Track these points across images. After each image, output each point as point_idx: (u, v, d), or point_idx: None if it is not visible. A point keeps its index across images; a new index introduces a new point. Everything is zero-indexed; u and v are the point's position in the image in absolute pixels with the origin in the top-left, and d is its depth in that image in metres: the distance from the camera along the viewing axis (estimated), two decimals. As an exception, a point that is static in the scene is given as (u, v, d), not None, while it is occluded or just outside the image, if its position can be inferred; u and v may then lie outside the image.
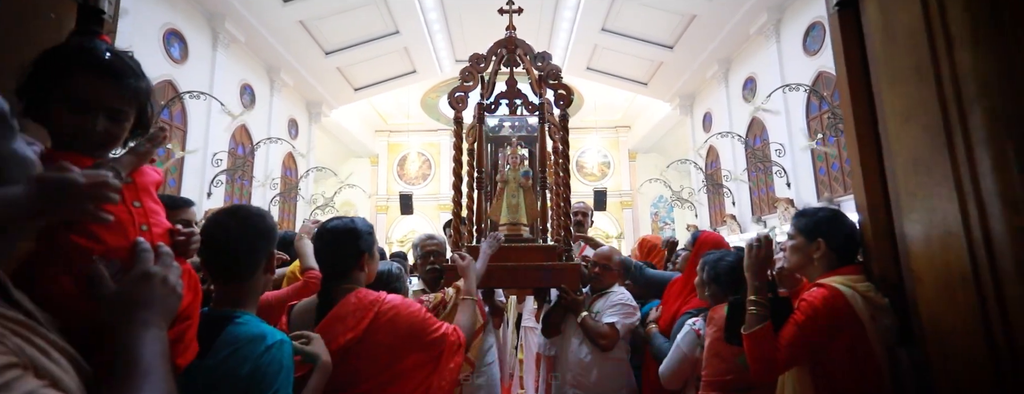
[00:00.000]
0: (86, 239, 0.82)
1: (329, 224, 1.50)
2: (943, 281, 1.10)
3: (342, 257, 1.45)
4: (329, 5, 8.19)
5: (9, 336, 0.57)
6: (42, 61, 0.82)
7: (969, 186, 1.03)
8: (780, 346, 1.30)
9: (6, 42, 1.01)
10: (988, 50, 1.01)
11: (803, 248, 1.43)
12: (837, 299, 1.27)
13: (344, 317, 1.36)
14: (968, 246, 1.03)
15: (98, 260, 0.81)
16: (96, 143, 0.86)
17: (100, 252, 0.82)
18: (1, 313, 0.60)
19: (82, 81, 0.82)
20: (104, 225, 0.82)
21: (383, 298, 1.42)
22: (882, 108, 1.26)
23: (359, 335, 1.34)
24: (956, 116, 1.05)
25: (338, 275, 1.44)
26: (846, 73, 1.38)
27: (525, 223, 2.33)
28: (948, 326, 1.10)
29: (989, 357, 1.00)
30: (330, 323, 1.36)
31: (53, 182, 0.62)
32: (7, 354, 0.55)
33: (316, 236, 1.51)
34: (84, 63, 0.83)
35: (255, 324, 1.06)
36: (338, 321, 1.36)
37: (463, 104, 2.47)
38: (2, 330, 0.57)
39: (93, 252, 0.82)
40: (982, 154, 1.01)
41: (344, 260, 1.44)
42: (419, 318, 1.44)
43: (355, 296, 1.40)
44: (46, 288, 0.79)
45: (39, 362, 0.60)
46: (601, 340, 2.31)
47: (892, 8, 1.20)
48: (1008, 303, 0.97)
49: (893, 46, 1.20)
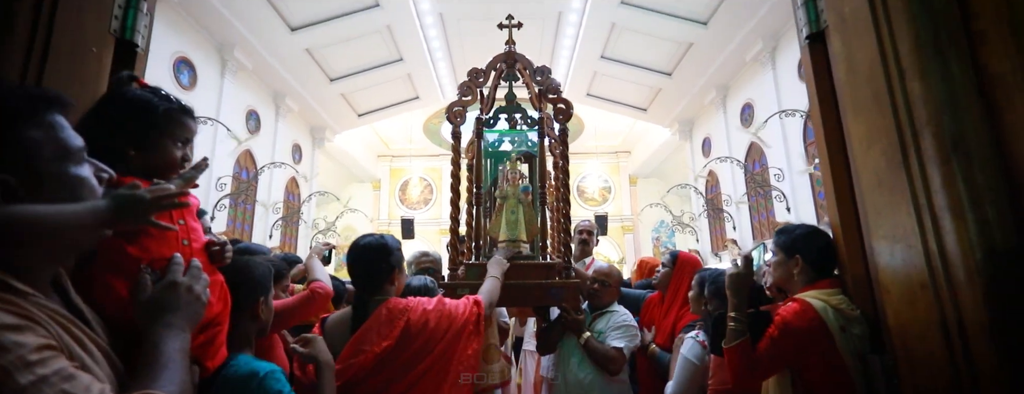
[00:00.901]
0: (138, 249, 0.96)
1: (362, 241, 1.63)
2: (906, 291, 1.20)
3: (375, 272, 1.58)
4: (335, 34, 8.48)
5: (52, 325, 0.68)
6: (148, 108, 1.05)
7: (924, 202, 1.14)
8: (758, 357, 1.39)
9: (58, 77, 1.14)
10: (934, 81, 1.13)
11: (783, 264, 1.53)
12: (808, 313, 1.36)
13: (378, 327, 1.48)
14: (925, 257, 1.13)
15: (144, 269, 0.93)
16: (180, 167, 1.08)
17: (147, 261, 0.95)
18: (51, 308, 0.72)
19: (190, 126, 1.12)
20: (153, 238, 0.97)
21: (411, 305, 1.55)
22: (848, 133, 1.38)
23: (393, 343, 1.46)
24: (910, 140, 1.17)
25: (371, 288, 1.57)
26: (817, 101, 1.51)
27: (525, 240, 2.29)
28: (912, 333, 1.19)
29: (948, 361, 1.09)
30: (365, 333, 1.48)
31: (129, 197, 0.77)
32: (48, 337, 0.65)
33: (350, 252, 1.63)
34: (189, 112, 1.12)
35: (245, 363, 1.19)
36: (372, 331, 1.47)
37: (461, 118, 2.44)
38: (48, 320, 0.68)
39: (142, 261, 0.95)
40: (933, 173, 1.12)
41: (377, 274, 1.57)
42: (446, 313, 1.56)
43: (386, 307, 1.53)
44: (102, 291, 0.92)
45: (74, 350, 0.70)
46: (610, 364, 2.27)
47: (852, 43, 1.33)
48: (962, 309, 1.07)
49: (855, 77, 1.33)
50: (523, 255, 2.26)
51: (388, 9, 8.26)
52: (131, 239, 0.97)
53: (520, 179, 2.37)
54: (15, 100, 0.71)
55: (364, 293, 1.59)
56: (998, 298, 1.02)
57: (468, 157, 2.59)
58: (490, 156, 2.58)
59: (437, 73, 10.49)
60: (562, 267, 2.24)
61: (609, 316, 2.44)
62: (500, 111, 2.58)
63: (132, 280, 0.93)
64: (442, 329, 1.53)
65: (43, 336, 0.65)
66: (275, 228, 9.31)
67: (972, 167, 1.07)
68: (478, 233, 2.42)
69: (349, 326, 1.55)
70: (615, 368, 2.28)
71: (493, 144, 2.62)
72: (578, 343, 2.34)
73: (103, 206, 0.75)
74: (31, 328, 0.64)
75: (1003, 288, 1.02)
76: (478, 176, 2.41)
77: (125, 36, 1.38)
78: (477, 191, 2.39)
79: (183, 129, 1.10)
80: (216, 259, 1.15)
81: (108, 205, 0.75)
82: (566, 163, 2.40)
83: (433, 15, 8.93)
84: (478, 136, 2.46)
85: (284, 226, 9.88)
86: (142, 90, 1.08)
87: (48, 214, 0.69)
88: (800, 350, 1.37)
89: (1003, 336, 1.00)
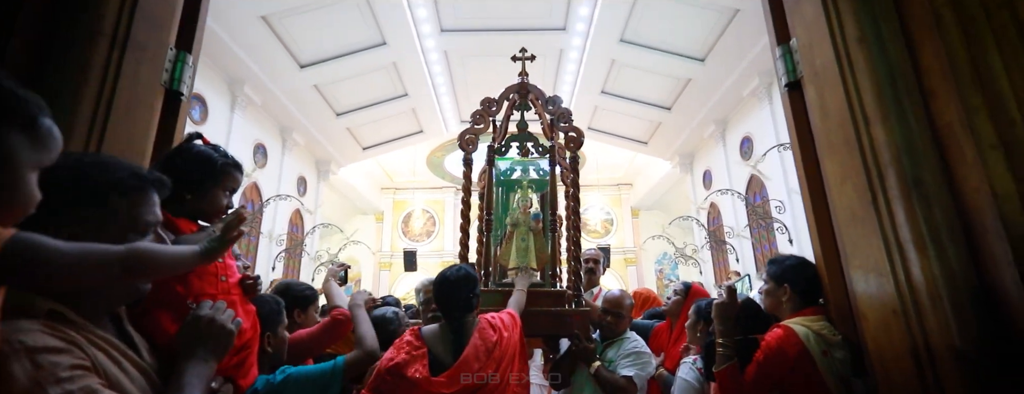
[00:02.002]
0: (183, 287, 1.11)
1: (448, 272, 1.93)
2: (881, 317, 1.32)
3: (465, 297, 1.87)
4: (343, 71, 8.81)
5: (88, 346, 0.82)
6: (209, 162, 1.26)
7: (891, 235, 1.27)
8: (745, 381, 1.50)
9: (119, 122, 1.31)
10: (894, 127, 1.29)
11: (773, 292, 1.66)
12: (790, 338, 1.48)
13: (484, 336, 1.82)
14: (895, 285, 1.26)
15: (190, 304, 1.08)
16: (223, 213, 1.27)
17: (191, 298, 1.10)
18: (98, 335, 0.87)
19: (238, 178, 1.34)
20: (196, 276, 1.12)
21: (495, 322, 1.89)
22: (825, 172, 1.53)
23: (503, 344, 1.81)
24: (877, 179, 1.31)
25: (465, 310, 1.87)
26: (797, 143, 1.66)
27: (535, 268, 2.30)
28: (888, 356, 1.30)
29: (920, 383, 1.20)
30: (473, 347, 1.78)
31: (216, 248, 0.95)
32: (83, 359, 0.80)
33: (439, 283, 1.90)
34: (239, 168, 1.35)
35: (259, 379, 1.38)
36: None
37: (473, 146, 2.48)
38: (88, 345, 0.83)
39: (188, 298, 1.10)
40: (897, 209, 1.26)
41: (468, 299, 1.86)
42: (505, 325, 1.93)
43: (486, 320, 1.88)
44: (152, 323, 1.07)
45: (108, 370, 0.84)
46: (618, 393, 2.24)
47: (824, 91, 1.50)
48: (929, 334, 1.19)
49: (827, 122, 1.49)
50: (533, 283, 2.28)
51: (395, 47, 8.60)
52: (178, 278, 1.12)
53: (530, 207, 2.39)
54: (126, 174, 0.90)
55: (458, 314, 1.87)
56: (960, 324, 1.14)
57: (480, 186, 2.63)
58: (501, 185, 2.61)
59: (441, 108, 10.80)
60: (572, 296, 2.25)
61: (620, 344, 2.43)
62: (512, 140, 2.63)
63: (175, 312, 1.09)
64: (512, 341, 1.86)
65: (79, 358, 0.79)
66: (278, 260, 9.41)
67: (930, 205, 1.22)
68: (487, 260, 2.44)
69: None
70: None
71: (505, 172, 2.67)
72: (589, 373, 2.32)
73: (199, 252, 0.93)
74: (69, 351, 0.78)
75: (963, 314, 1.14)
76: (489, 204, 2.43)
77: (172, 87, 1.56)
78: (488, 218, 2.41)
79: (232, 181, 1.31)
80: (249, 292, 1.31)
81: (202, 251, 0.94)
82: (577, 191, 2.43)
83: (438, 52, 9.28)
84: (490, 164, 2.51)
85: (287, 258, 9.97)
86: (205, 147, 1.28)
87: (167, 254, 0.87)
88: (784, 373, 1.47)
89: (965, 360, 1.12)
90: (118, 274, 0.75)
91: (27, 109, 0.65)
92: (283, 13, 7.33)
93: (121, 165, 0.92)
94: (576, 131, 2.44)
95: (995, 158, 1.14)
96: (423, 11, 8.21)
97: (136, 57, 1.40)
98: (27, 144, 0.63)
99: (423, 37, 8.72)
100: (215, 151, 1.29)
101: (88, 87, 1.26)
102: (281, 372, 1.43)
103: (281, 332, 1.57)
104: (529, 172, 2.69)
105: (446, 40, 8.97)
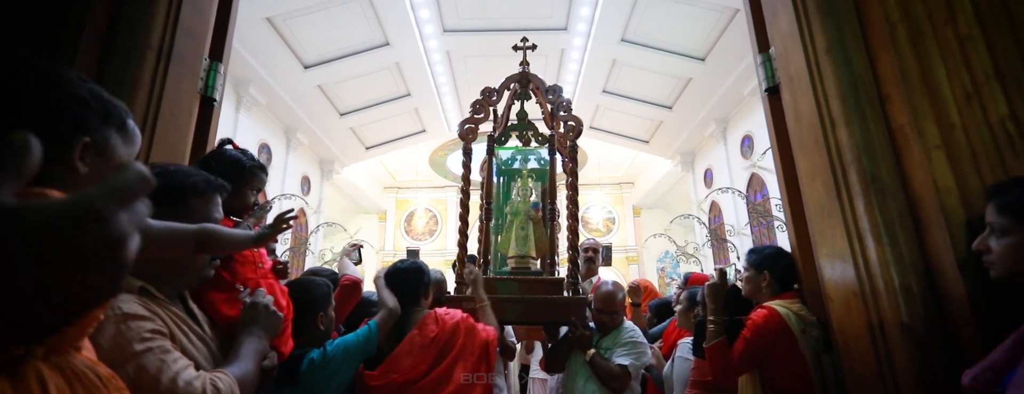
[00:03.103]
0: (230, 274, 1.31)
1: (400, 264, 2.08)
2: (844, 299, 1.49)
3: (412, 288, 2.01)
4: (347, 71, 8.99)
5: (166, 317, 1.04)
6: (239, 165, 1.46)
7: (853, 226, 1.44)
8: (733, 356, 1.67)
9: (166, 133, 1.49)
10: (855, 130, 1.46)
11: (754, 278, 1.83)
12: (774, 317, 1.65)
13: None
14: (855, 270, 1.43)
15: (238, 287, 1.28)
16: (250, 209, 1.48)
17: (239, 282, 1.30)
18: (172, 309, 1.08)
19: (263, 179, 1.54)
20: (239, 264, 1.33)
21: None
22: (799, 170, 1.70)
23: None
24: (841, 176, 1.48)
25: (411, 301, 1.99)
26: (776, 143, 1.84)
27: (534, 256, 2.35)
28: (850, 333, 1.48)
29: (874, 356, 1.38)
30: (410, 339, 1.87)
31: (267, 235, 1.13)
32: (162, 326, 1.00)
33: (390, 273, 2.07)
34: (264, 170, 1.56)
35: (308, 352, 1.66)
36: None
37: (473, 135, 2.50)
38: (165, 316, 1.04)
39: (235, 282, 1.29)
40: (858, 203, 1.43)
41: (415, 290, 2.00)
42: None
43: (432, 314, 1.96)
44: (208, 305, 1.27)
45: (179, 338, 1.05)
46: (613, 382, 2.27)
47: (797, 96, 1.67)
48: (882, 312, 1.36)
49: (800, 124, 1.66)
50: (532, 271, 2.36)
51: (397, 47, 8.78)
52: (225, 266, 1.34)
53: (530, 196, 2.44)
54: (199, 180, 1.11)
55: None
56: (908, 303, 1.31)
57: (480, 175, 2.66)
58: (502, 174, 2.66)
59: (443, 107, 10.98)
60: (570, 283, 2.31)
61: (617, 333, 2.47)
62: (512, 128, 2.67)
63: (226, 294, 1.30)
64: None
65: (158, 325, 0.99)
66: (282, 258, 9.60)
67: (885, 199, 1.39)
68: (487, 248, 2.47)
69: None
70: (619, 386, 2.29)
71: (505, 162, 2.71)
72: (584, 359, 2.36)
73: (253, 236, 1.10)
74: (152, 318, 0.98)
75: (911, 295, 1.31)
76: (489, 192, 2.48)
77: (207, 94, 1.74)
78: (488, 207, 2.45)
79: (258, 181, 1.52)
80: (281, 276, 1.55)
81: (256, 236, 1.11)
82: (576, 180, 2.45)
83: (440, 52, 9.46)
84: (490, 153, 2.55)
85: (291, 257, 10.16)
86: (235, 151, 1.47)
87: (229, 234, 1.04)
88: (768, 348, 1.64)
89: (912, 334, 1.29)
90: (193, 246, 0.92)
91: (120, 113, 0.82)
92: (287, 14, 7.51)
93: (196, 172, 1.13)
94: (576, 120, 2.48)
95: (938, 157, 1.31)
96: (426, 12, 8.39)
97: (178, 69, 1.58)
98: (121, 141, 0.81)
99: (426, 37, 8.89)
100: (243, 155, 1.49)
101: (139, 97, 1.44)
102: (329, 344, 1.70)
103: (330, 311, 1.79)
104: (529, 161, 2.72)
105: (448, 40, 9.15)
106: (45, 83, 0.68)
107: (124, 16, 1.46)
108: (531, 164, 2.67)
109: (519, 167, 2.67)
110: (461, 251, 2.44)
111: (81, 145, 0.72)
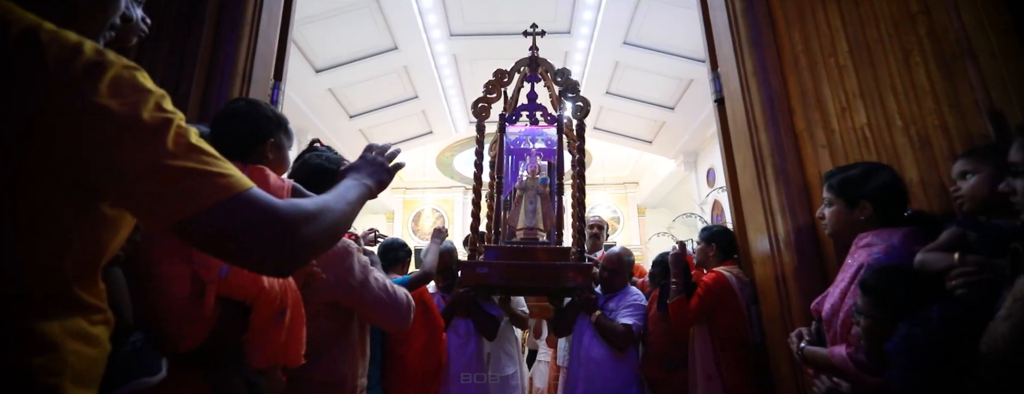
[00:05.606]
0: None
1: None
2: (762, 262, 2.01)
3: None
4: (356, 74, 9.55)
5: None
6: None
7: (767, 206, 1.96)
8: (689, 310, 2.19)
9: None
10: (773, 132, 1.98)
11: (704, 250, 2.36)
12: (720, 279, 2.18)
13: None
14: (767, 239, 1.95)
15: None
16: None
17: None
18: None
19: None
20: None
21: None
22: (736, 164, 2.22)
23: None
24: (761, 169, 2.01)
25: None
26: (723, 144, 2.36)
27: (542, 229, 2.49)
28: (765, 287, 2.00)
29: (779, 300, 1.89)
30: None
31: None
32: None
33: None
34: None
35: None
36: None
37: (486, 113, 2.67)
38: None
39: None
40: (772, 189, 1.95)
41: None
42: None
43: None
44: None
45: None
46: (617, 339, 2.42)
47: (734, 108, 2.19)
48: (784, 268, 1.88)
49: (736, 128, 2.18)
50: (541, 242, 2.55)
51: (406, 51, 9.33)
52: None
53: (539, 171, 2.62)
54: (277, 116, 1.43)
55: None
56: (800, 259, 1.83)
57: (491, 154, 2.84)
58: (512, 152, 2.83)
59: (450, 109, 11.52)
60: (577, 251, 2.48)
61: (622, 295, 2.62)
62: (522, 109, 2.80)
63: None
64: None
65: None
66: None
67: (790, 185, 1.91)
68: (498, 222, 2.68)
69: None
70: (623, 343, 2.45)
71: (515, 141, 2.88)
72: (590, 321, 2.52)
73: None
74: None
75: (803, 253, 1.83)
76: (500, 169, 2.66)
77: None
78: (499, 182, 2.64)
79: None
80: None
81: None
82: (583, 156, 2.63)
83: (447, 56, 10.01)
84: (501, 132, 2.70)
85: (303, 255, 10.71)
86: (324, 149, 1.92)
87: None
88: (716, 303, 2.17)
89: (801, 280, 1.81)
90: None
91: (285, 123, 1.36)
92: (300, 21, 8.04)
93: (338, 162, 1.56)
94: (583, 100, 2.65)
95: (824, 154, 1.83)
96: (433, 17, 8.94)
97: (255, 90, 2.12)
98: (286, 139, 1.35)
99: (433, 42, 9.44)
100: (330, 151, 1.88)
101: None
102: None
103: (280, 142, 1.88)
104: (538, 141, 2.91)
105: (455, 44, 9.68)
106: (252, 109, 1.23)
107: (219, 51, 2.01)
108: (539, 143, 2.87)
109: (528, 146, 2.87)
110: (473, 220, 2.62)
111: (270, 142, 1.26)
